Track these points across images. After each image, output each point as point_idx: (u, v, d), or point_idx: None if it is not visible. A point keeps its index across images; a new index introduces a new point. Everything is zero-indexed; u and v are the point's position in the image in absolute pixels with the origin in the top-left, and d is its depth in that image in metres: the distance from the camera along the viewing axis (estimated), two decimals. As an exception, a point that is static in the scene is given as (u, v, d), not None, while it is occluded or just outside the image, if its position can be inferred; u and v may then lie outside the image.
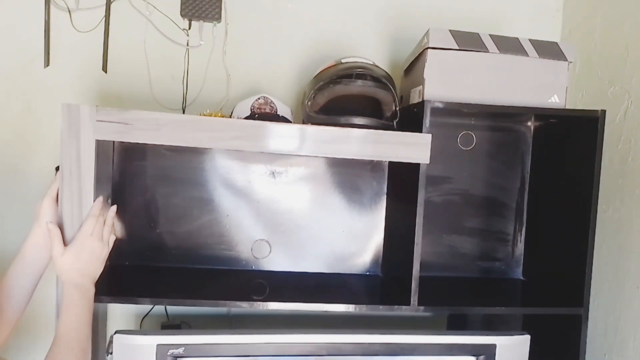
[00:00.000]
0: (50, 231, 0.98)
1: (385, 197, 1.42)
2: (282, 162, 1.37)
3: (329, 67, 1.18)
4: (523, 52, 1.19)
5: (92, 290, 0.99)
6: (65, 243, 1.00)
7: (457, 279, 1.45)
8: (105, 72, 1.38)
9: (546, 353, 1.28)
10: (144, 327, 1.44)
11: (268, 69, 1.45)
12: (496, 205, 1.47)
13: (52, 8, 1.35)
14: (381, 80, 1.14)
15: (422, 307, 1.17)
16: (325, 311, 1.20)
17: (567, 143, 1.31)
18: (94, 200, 1.03)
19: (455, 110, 1.22)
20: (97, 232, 1.00)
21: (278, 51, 1.45)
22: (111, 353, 1.06)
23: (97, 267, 1.00)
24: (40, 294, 1.37)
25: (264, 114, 1.21)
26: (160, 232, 1.35)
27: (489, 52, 1.19)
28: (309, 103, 1.19)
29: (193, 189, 1.35)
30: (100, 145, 1.06)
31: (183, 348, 1.08)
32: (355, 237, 1.42)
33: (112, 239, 1.06)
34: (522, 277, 1.48)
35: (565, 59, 1.21)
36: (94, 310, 1.05)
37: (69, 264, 0.97)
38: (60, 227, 1.01)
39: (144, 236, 1.34)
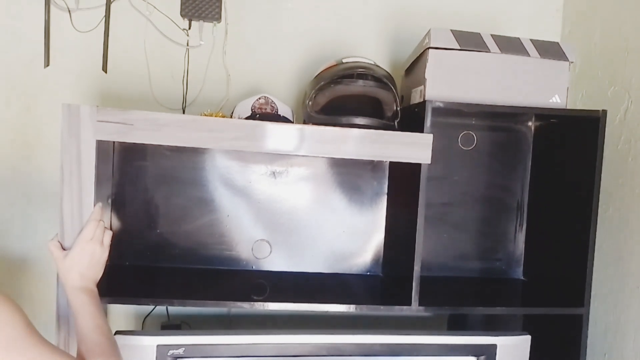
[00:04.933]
0: (49, 247, 1.00)
1: (385, 197, 1.42)
2: (282, 162, 1.37)
3: (330, 67, 1.18)
4: (524, 52, 1.19)
5: (96, 291, 0.99)
6: (64, 247, 1.01)
7: (457, 279, 1.45)
8: (105, 72, 1.38)
9: (546, 353, 1.28)
10: (146, 327, 1.43)
11: (268, 69, 1.45)
12: (496, 205, 1.47)
13: (52, 8, 1.34)
14: (382, 80, 1.14)
15: (422, 307, 1.17)
16: (326, 311, 1.20)
17: (567, 143, 1.31)
18: (94, 201, 1.03)
19: (456, 110, 1.22)
20: (97, 237, 1.00)
21: (278, 51, 1.45)
22: None
23: (97, 271, 1.00)
24: (40, 294, 1.38)
25: (265, 114, 1.21)
26: (160, 232, 1.35)
27: (490, 52, 1.19)
28: (310, 103, 1.18)
29: (193, 189, 1.35)
30: (100, 145, 1.05)
31: (183, 348, 1.08)
32: (356, 237, 1.42)
33: (109, 239, 1.06)
34: (522, 277, 1.48)
35: (566, 59, 1.21)
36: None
37: (69, 267, 0.97)
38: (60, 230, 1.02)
39: (144, 236, 1.34)
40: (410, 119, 1.20)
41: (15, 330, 0.76)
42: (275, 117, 1.22)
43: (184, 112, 1.40)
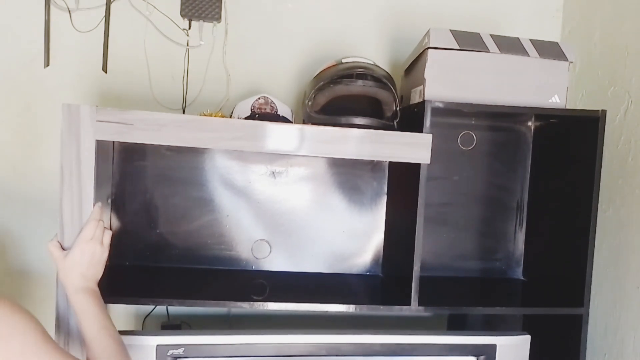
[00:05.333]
0: (49, 247, 1.00)
1: (385, 197, 1.42)
2: (282, 162, 1.37)
3: (330, 67, 1.18)
4: (524, 52, 1.19)
5: (98, 291, 0.99)
6: (63, 247, 1.01)
7: (457, 279, 1.45)
8: (105, 72, 1.38)
9: (546, 353, 1.28)
10: (146, 327, 1.43)
11: (268, 69, 1.45)
12: (496, 205, 1.47)
13: (52, 8, 1.35)
14: (382, 80, 1.14)
15: (422, 307, 1.17)
16: (325, 311, 1.20)
17: (567, 143, 1.31)
18: (94, 201, 1.03)
19: (455, 110, 1.22)
20: (97, 236, 1.00)
21: (278, 51, 1.45)
22: None
23: (98, 271, 1.00)
24: (40, 294, 1.38)
25: (265, 114, 1.21)
26: (160, 232, 1.35)
27: (489, 52, 1.18)
28: (310, 103, 1.18)
29: (193, 189, 1.35)
30: (100, 145, 1.05)
31: (183, 348, 1.08)
32: (356, 237, 1.42)
33: (109, 239, 1.05)
34: (522, 277, 1.48)
35: (565, 59, 1.21)
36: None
37: (70, 267, 0.97)
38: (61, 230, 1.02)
39: (144, 236, 1.34)
40: (409, 119, 1.20)
41: (30, 338, 0.76)
42: (274, 117, 1.22)
43: (184, 112, 1.40)
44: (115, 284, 1.15)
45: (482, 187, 1.46)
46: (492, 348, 1.17)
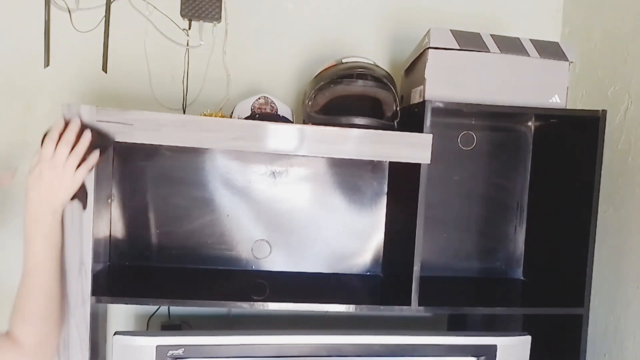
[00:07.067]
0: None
1: (385, 197, 1.42)
2: (282, 162, 1.37)
3: (330, 67, 1.18)
4: (524, 52, 1.19)
5: (52, 222, 0.91)
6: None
7: (457, 279, 1.45)
8: (105, 72, 1.38)
9: (546, 353, 1.28)
10: (150, 327, 1.43)
11: (268, 69, 1.45)
12: (496, 205, 1.47)
13: (52, 8, 1.34)
14: (382, 80, 1.14)
15: (422, 307, 1.16)
16: (325, 311, 1.20)
17: (567, 143, 1.31)
18: (94, 201, 1.03)
19: (455, 110, 1.21)
20: (58, 158, 0.90)
21: (278, 51, 1.45)
22: None
23: (56, 197, 0.91)
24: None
25: (265, 114, 1.21)
26: (160, 232, 1.35)
27: (490, 52, 1.18)
28: (310, 103, 1.18)
29: (193, 189, 1.35)
30: (101, 145, 1.05)
31: (183, 349, 1.08)
32: (356, 237, 1.42)
33: (82, 171, 0.94)
34: (522, 277, 1.48)
35: (566, 59, 1.21)
36: (94, 310, 1.04)
37: (29, 190, 0.90)
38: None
39: (144, 236, 1.34)
40: (410, 119, 1.20)
41: None
42: (275, 117, 1.22)
43: (184, 112, 1.40)
44: (115, 284, 1.15)
45: (482, 187, 1.46)
46: (492, 348, 1.17)
